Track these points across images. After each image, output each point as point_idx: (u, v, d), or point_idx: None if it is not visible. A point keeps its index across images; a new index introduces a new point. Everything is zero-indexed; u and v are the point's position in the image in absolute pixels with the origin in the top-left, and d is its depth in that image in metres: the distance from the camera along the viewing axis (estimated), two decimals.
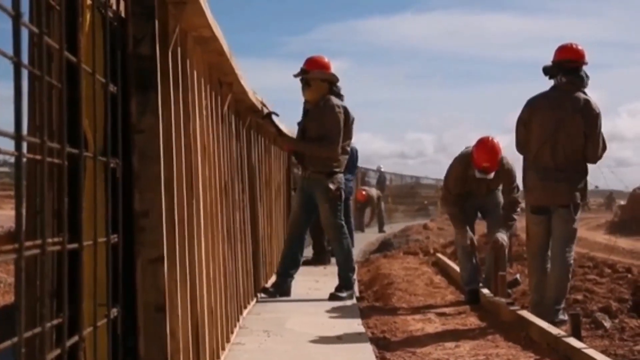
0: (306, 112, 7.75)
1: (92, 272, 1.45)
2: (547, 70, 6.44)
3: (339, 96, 7.71)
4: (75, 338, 1.32)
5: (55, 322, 1.28)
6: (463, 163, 7.62)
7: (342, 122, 7.57)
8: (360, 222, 22.82)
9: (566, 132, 6.25)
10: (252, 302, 6.88)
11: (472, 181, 7.61)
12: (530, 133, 6.42)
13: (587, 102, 6.29)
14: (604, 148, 6.38)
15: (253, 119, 7.22)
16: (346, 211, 10.39)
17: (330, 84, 7.63)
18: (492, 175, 7.41)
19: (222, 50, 4.47)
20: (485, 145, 7.43)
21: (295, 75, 7.66)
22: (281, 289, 7.58)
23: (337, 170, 7.60)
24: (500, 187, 7.72)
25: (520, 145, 6.56)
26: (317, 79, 7.58)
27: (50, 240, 1.21)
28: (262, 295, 7.45)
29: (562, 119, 6.27)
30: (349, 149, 7.86)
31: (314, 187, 7.63)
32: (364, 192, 23.98)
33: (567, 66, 6.33)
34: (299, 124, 7.84)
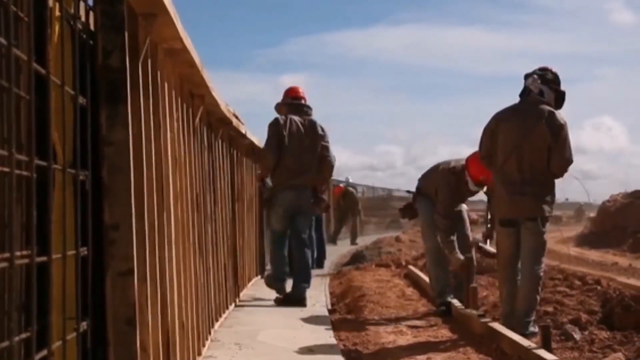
0: None
1: (61, 286, 1.43)
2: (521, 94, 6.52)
3: (305, 113, 8.06)
4: (44, 352, 1.31)
5: (23, 335, 1.27)
6: (452, 180, 7.68)
7: (279, 130, 7.78)
8: (332, 235, 22.83)
9: (531, 144, 6.26)
10: (224, 315, 6.86)
11: (461, 198, 7.80)
12: (496, 145, 6.44)
13: (552, 113, 6.31)
14: (569, 161, 6.36)
15: (225, 131, 7.21)
16: (318, 224, 10.43)
17: (291, 105, 8.04)
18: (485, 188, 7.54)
19: (193, 62, 4.46)
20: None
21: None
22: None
23: (270, 180, 8.05)
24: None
25: (485, 157, 6.59)
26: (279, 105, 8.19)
27: (18, 253, 1.20)
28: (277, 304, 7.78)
29: (527, 130, 6.28)
30: (291, 159, 7.83)
31: None
32: (341, 185, 24.51)
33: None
34: None
